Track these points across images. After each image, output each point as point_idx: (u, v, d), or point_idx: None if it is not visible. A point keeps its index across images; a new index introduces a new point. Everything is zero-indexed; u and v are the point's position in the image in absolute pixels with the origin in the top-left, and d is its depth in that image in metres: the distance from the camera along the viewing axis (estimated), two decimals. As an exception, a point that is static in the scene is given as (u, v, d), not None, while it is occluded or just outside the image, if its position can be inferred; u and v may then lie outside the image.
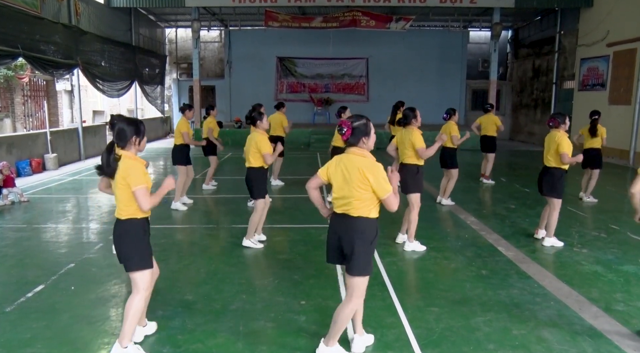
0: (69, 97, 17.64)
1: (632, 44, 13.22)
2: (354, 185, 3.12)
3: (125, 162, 3.19)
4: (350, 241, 3.16)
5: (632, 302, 4.33)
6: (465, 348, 3.52)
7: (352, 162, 3.15)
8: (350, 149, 3.21)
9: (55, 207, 8.09)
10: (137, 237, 3.28)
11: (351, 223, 3.17)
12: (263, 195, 5.79)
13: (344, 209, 3.19)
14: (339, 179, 3.19)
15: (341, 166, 3.19)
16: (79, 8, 13.41)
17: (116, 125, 3.23)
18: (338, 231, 3.23)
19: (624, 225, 7.02)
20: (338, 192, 3.21)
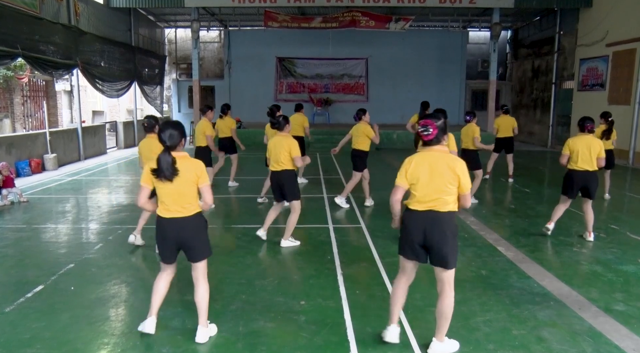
0: (68, 97, 17.65)
1: (632, 44, 13.22)
2: (444, 181, 3.25)
3: (188, 162, 3.48)
4: (441, 236, 3.26)
5: (631, 302, 4.33)
6: (465, 349, 3.52)
7: (440, 159, 3.27)
8: (431, 147, 3.32)
9: (55, 208, 8.09)
10: (205, 228, 3.66)
11: (440, 219, 3.28)
12: (299, 195, 5.91)
13: (431, 206, 3.28)
14: (425, 178, 3.28)
15: (425, 165, 3.28)
16: (78, 8, 13.40)
17: (166, 130, 3.42)
18: (423, 227, 3.29)
19: (624, 225, 7.02)
20: (422, 190, 3.29)
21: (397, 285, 3.55)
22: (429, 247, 3.32)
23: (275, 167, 5.83)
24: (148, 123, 5.57)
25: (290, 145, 5.71)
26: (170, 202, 3.48)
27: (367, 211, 7.80)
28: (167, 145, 3.41)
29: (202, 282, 3.63)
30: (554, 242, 6.17)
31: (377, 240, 6.17)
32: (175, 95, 22.68)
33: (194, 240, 3.55)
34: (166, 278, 3.69)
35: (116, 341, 3.61)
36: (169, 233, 3.53)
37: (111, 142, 16.96)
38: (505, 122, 10.27)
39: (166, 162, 3.36)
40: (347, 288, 4.58)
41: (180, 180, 3.41)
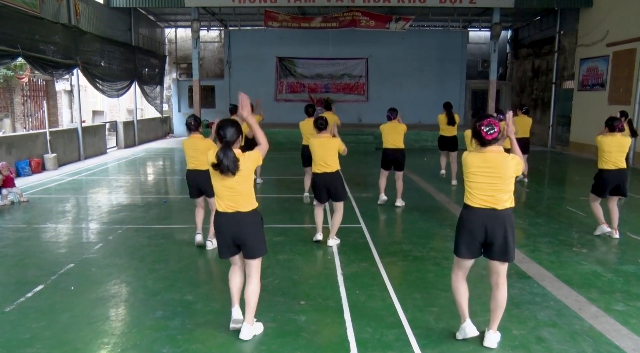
0: (68, 97, 17.66)
1: (632, 44, 13.22)
2: (504, 181, 3.38)
3: (244, 157, 3.51)
4: (503, 232, 3.40)
5: (631, 302, 4.33)
6: (465, 349, 3.52)
7: (500, 159, 3.39)
8: (490, 147, 3.41)
9: (55, 207, 8.09)
10: (262, 225, 3.73)
11: (502, 216, 3.42)
12: (345, 196, 6.05)
13: (492, 203, 3.41)
14: (485, 177, 3.40)
15: (488, 165, 3.39)
16: (78, 8, 13.40)
17: (226, 127, 3.50)
18: (485, 225, 3.42)
19: (624, 225, 7.02)
20: (483, 190, 3.42)
21: (458, 281, 3.66)
22: (489, 243, 3.46)
23: (321, 169, 5.82)
24: (194, 122, 5.65)
25: (337, 143, 5.82)
26: (228, 197, 3.56)
27: (367, 211, 7.79)
28: (226, 141, 3.48)
29: (254, 278, 3.70)
30: (553, 242, 6.17)
31: (377, 240, 6.18)
32: (175, 95, 22.66)
33: (251, 236, 3.61)
34: (239, 271, 3.81)
35: (116, 341, 3.61)
36: (225, 228, 3.61)
37: (111, 141, 16.96)
38: (523, 123, 10.24)
39: (228, 157, 3.41)
40: (347, 288, 4.58)
41: (240, 174, 3.48)
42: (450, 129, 9.88)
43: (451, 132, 9.90)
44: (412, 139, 10.19)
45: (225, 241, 3.64)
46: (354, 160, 13.16)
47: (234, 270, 3.81)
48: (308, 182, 8.24)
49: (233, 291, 3.82)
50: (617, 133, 6.06)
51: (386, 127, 7.86)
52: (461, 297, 3.65)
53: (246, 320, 3.69)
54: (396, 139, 7.82)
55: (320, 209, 6.09)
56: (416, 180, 10.55)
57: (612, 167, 6.08)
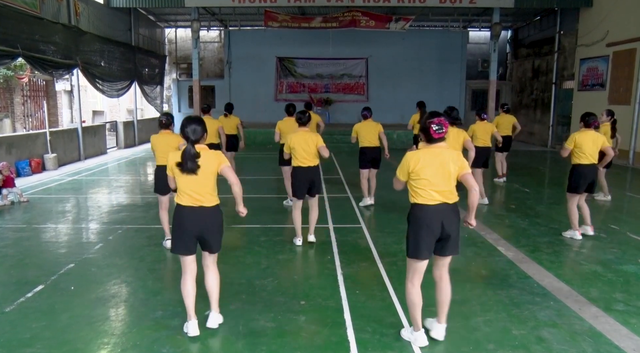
0: (68, 97, 17.66)
1: (632, 44, 13.22)
2: (452, 174, 3.44)
3: (209, 154, 3.58)
4: (454, 225, 3.50)
5: (631, 302, 4.33)
6: (465, 348, 3.52)
7: (447, 154, 3.46)
8: (439, 144, 3.46)
9: (55, 207, 8.09)
10: (222, 221, 3.80)
11: (453, 210, 3.50)
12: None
13: (442, 199, 3.45)
14: (434, 173, 3.42)
15: (435, 161, 3.42)
16: (78, 8, 13.40)
17: (190, 125, 3.54)
18: (441, 219, 3.45)
19: (624, 225, 7.02)
20: (435, 186, 3.43)
21: (415, 290, 3.55)
22: (444, 238, 3.48)
23: (305, 162, 5.79)
24: (166, 120, 5.71)
25: (317, 138, 5.79)
26: (191, 191, 3.59)
27: (367, 211, 7.80)
28: (191, 140, 3.53)
29: (212, 269, 3.80)
30: (554, 241, 6.17)
31: (377, 240, 6.18)
32: (175, 95, 22.67)
33: (213, 231, 3.68)
34: (192, 278, 3.75)
35: (116, 341, 3.61)
36: (187, 221, 3.61)
37: (111, 142, 16.96)
38: (505, 121, 10.28)
39: (191, 156, 3.47)
40: (347, 288, 4.58)
41: (202, 171, 3.53)
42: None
43: None
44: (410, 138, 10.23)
45: (184, 235, 3.62)
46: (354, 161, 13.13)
47: (186, 279, 3.71)
48: (288, 184, 8.11)
49: (188, 302, 3.70)
50: (592, 130, 6.09)
51: (363, 126, 7.83)
52: (417, 307, 3.55)
53: (213, 308, 3.81)
54: (373, 138, 7.81)
55: (298, 210, 6.00)
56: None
57: (586, 162, 6.07)
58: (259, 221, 7.12)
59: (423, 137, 3.49)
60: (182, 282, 3.73)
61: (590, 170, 6.12)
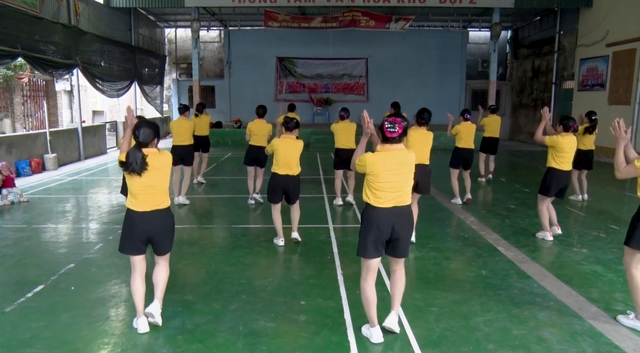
0: (68, 97, 17.64)
1: (632, 44, 13.22)
2: (408, 177, 3.47)
3: (158, 156, 3.62)
4: (405, 228, 3.52)
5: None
6: (465, 348, 3.52)
7: (404, 157, 3.46)
8: (395, 145, 3.45)
9: (55, 207, 8.09)
10: (174, 224, 3.86)
11: (404, 212, 3.51)
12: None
13: (396, 202, 3.47)
14: (389, 175, 3.41)
15: (390, 163, 3.41)
16: (78, 8, 13.40)
17: (140, 128, 3.56)
18: (391, 222, 3.46)
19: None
20: (388, 188, 3.43)
21: (370, 287, 3.59)
22: (394, 240, 3.52)
23: (284, 171, 5.71)
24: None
25: (301, 147, 5.77)
26: (141, 195, 3.62)
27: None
28: (139, 142, 3.55)
29: (164, 265, 3.87)
30: (554, 242, 6.17)
31: (377, 240, 6.16)
32: (175, 95, 22.67)
33: (165, 234, 3.74)
34: (141, 276, 3.75)
35: (116, 341, 3.61)
36: (140, 225, 3.64)
37: (111, 142, 16.95)
38: (492, 122, 10.19)
39: (135, 157, 3.48)
40: (347, 288, 4.58)
41: (149, 174, 3.54)
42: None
43: None
44: None
45: (135, 238, 3.65)
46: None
47: (135, 278, 3.73)
48: (251, 183, 8.23)
49: (137, 301, 3.73)
50: (571, 134, 6.01)
51: (339, 127, 7.82)
52: (372, 304, 3.60)
53: (157, 297, 3.83)
54: (348, 140, 7.80)
55: (277, 212, 5.94)
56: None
57: (562, 168, 5.99)
58: (258, 221, 7.13)
59: (380, 137, 3.51)
60: (132, 280, 3.77)
61: (565, 175, 6.03)
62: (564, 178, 6.03)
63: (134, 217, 3.64)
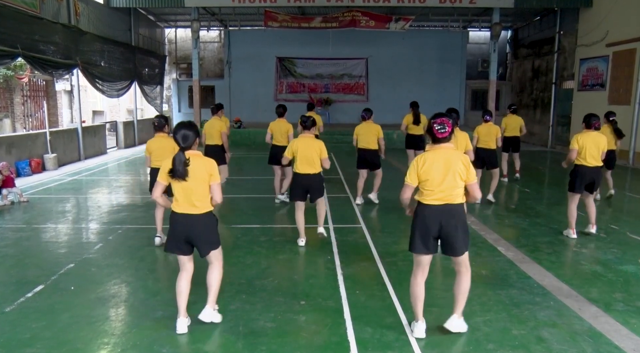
0: (68, 97, 17.66)
1: (632, 44, 13.22)
2: (457, 176, 3.49)
3: (201, 161, 3.62)
4: (455, 226, 3.53)
5: (631, 302, 4.33)
6: (465, 349, 3.52)
7: (453, 155, 3.52)
8: (442, 144, 3.54)
9: (55, 207, 8.09)
10: (216, 226, 3.80)
11: (455, 210, 3.54)
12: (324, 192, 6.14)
13: (446, 200, 3.52)
14: (439, 174, 3.49)
15: (440, 162, 3.49)
16: (78, 8, 13.40)
17: (180, 131, 3.57)
18: (440, 220, 3.52)
19: (624, 225, 7.02)
20: (437, 186, 3.50)
21: (416, 282, 3.69)
22: (443, 238, 3.57)
23: (305, 170, 5.76)
24: (158, 122, 5.79)
25: (320, 146, 5.76)
26: (183, 199, 3.65)
27: (367, 211, 7.80)
28: (182, 146, 3.57)
29: (216, 265, 3.82)
30: (553, 242, 6.17)
31: (377, 240, 6.17)
32: (175, 95, 22.68)
33: (204, 237, 3.71)
34: (186, 277, 3.80)
35: (116, 341, 3.61)
36: (179, 227, 3.68)
37: (111, 142, 16.96)
38: (513, 122, 10.28)
39: (180, 162, 3.50)
40: (347, 288, 4.58)
41: (193, 178, 3.57)
42: (417, 127, 9.98)
43: (418, 131, 10.03)
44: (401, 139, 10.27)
45: (177, 238, 3.71)
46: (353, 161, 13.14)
47: (182, 277, 3.78)
48: (277, 183, 8.29)
49: (180, 300, 3.75)
50: (593, 131, 6.12)
51: (361, 128, 7.89)
52: (418, 299, 3.69)
53: (209, 303, 3.81)
54: (370, 140, 7.83)
55: (301, 211, 6.00)
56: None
57: (587, 164, 6.11)
58: (258, 221, 7.12)
59: (429, 138, 3.60)
60: (177, 279, 3.81)
61: (589, 171, 6.12)
62: (589, 174, 6.12)
63: (175, 218, 3.70)
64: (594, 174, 6.15)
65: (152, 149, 5.79)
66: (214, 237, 3.78)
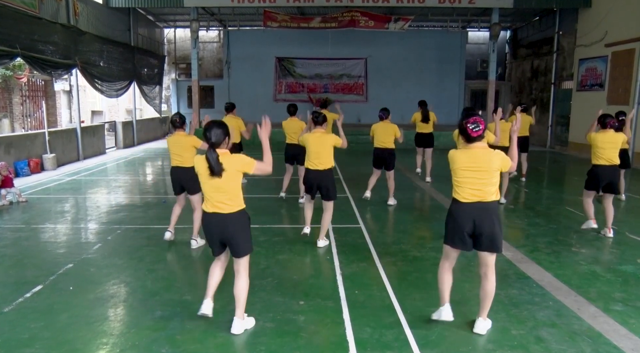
0: (67, 97, 17.63)
1: (631, 44, 13.23)
2: (490, 174, 3.56)
3: (230, 158, 3.60)
4: (490, 223, 3.59)
5: (630, 302, 4.33)
6: (464, 348, 3.52)
7: (487, 154, 3.57)
8: (476, 144, 3.60)
9: (54, 207, 8.08)
10: (248, 225, 3.75)
11: (489, 208, 3.61)
12: (336, 195, 6.05)
13: (479, 197, 3.59)
14: (472, 172, 3.58)
15: (474, 160, 3.56)
16: (77, 8, 13.39)
17: (211, 129, 3.58)
18: (473, 217, 3.60)
19: (622, 225, 7.02)
20: (471, 184, 3.59)
21: (444, 270, 3.88)
22: (478, 235, 3.63)
23: (313, 166, 5.80)
24: (180, 119, 5.81)
25: (332, 139, 5.81)
26: (214, 197, 3.64)
27: (366, 211, 7.80)
28: (212, 142, 3.56)
29: (242, 275, 3.75)
30: (552, 242, 6.17)
31: (376, 240, 6.17)
32: (174, 95, 22.66)
33: (237, 236, 3.68)
34: (220, 265, 3.90)
35: (115, 341, 3.61)
36: (212, 227, 3.70)
37: (110, 142, 16.94)
38: (522, 121, 10.27)
39: (213, 159, 3.50)
40: (346, 289, 4.58)
41: (225, 175, 3.55)
42: (426, 126, 10.06)
43: (427, 129, 10.09)
44: (411, 138, 10.25)
45: (213, 239, 3.75)
46: (353, 160, 13.17)
47: (215, 264, 3.90)
48: (287, 180, 8.47)
49: (210, 284, 3.90)
50: (609, 130, 6.14)
51: (378, 127, 7.95)
52: (444, 285, 3.86)
53: (237, 315, 3.76)
54: (386, 139, 7.88)
55: (309, 204, 6.09)
56: (416, 179, 10.55)
57: (604, 163, 6.14)
58: (258, 221, 7.11)
59: (462, 138, 3.65)
60: (212, 265, 3.91)
61: (605, 171, 6.12)
62: (605, 174, 6.13)
63: (207, 219, 3.71)
64: (610, 173, 6.14)
65: (169, 146, 5.89)
66: (248, 236, 3.75)
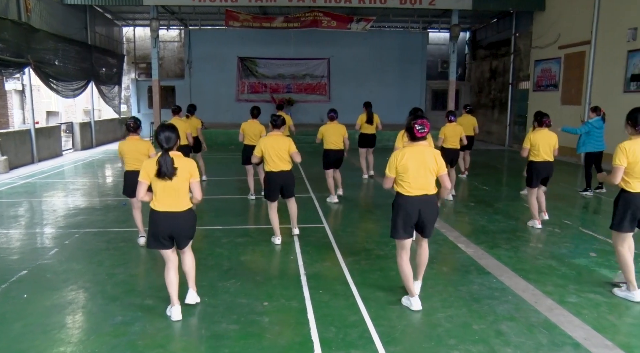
0: (19, 97, 16.99)
1: (582, 46, 13.74)
2: (432, 169, 4.00)
3: (183, 161, 3.82)
4: (432, 214, 4.10)
5: (583, 294, 4.50)
6: (427, 345, 3.58)
7: (427, 152, 4.02)
8: (420, 142, 4.03)
9: (6, 212, 7.76)
10: (195, 223, 4.05)
11: (431, 200, 4.09)
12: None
13: (424, 190, 4.03)
14: (416, 168, 3.97)
15: (417, 157, 3.97)
16: (29, 4, 12.89)
17: (163, 133, 3.76)
18: (419, 208, 4.04)
19: (576, 220, 7.31)
20: (416, 179, 3.99)
21: (404, 262, 4.16)
22: (421, 224, 4.08)
23: (277, 167, 5.82)
24: (134, 124, 5.71)
25: (289, 141, 5.85)
26: (165, 197, 3.82)
27: (330, 211, 7.83)
28: (165, 147, 3.75)
29: (188, 253, 4.12)
30: (511, 238, 6.35)
31: (339, 239, 6.21)
32: (134, 95, 22.14)
33: (185, 233, 3.96)
34: (173, 267, 3.99)
35: (73, 349, 3.50)
36: (162, 225, 3.84)
37: (67, 143, 16.41)
38: (467, 122, 10.59)
39: (167, 163, 3.69)
40: (310, 288, 4.58)
41: (176, 178, 3.76)
42: (370, 127, 10.31)
43: (371, 130, 10.35)
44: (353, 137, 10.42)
45: (159, 236, 3.87)
46: (316, 161, 13.12)
47: (169, 268, 3.97)
48: (251, 182, 8.49)
49: (172, 290, 3.95)
50: (545, 128, 6.62)
51: (329, 128, 8.10)
52: (408, 276, 4.16)
53: (190, 286, 4.17)
54: (337, 140, 8.09)
55: (274, 211, 6.04)
56: (379, 180, 10.66)
57: (540, 159, 6.62)
58: (220, 222, 7.04)
59: (407, 136, 4.05)
60: (165, 271, 3.99)
61: (543, 166, 6.63)
62: (543, 169, 6.63)
63: (157, 217, 3.84)
64: (547, 168, 6.65)
65: (125, 152, 5.75)
66: (194, 231, 4.05)
